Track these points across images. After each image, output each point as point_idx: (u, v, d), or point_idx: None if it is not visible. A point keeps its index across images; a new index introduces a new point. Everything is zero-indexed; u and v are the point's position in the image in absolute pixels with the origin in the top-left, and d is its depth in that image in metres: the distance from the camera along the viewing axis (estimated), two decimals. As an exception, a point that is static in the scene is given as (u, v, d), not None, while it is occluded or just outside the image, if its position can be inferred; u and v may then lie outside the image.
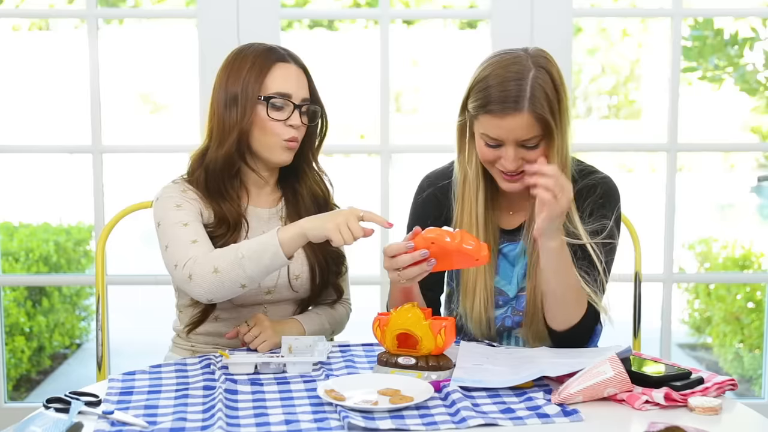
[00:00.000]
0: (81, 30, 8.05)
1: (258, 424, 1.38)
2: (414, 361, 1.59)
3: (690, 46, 4.97)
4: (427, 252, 1.58)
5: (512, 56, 1.70)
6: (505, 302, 1.84)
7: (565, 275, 1.69)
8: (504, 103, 1.66)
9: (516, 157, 1.69)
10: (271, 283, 1.88)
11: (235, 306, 1.88)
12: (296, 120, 1.84)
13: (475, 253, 1.58)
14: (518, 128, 1.66)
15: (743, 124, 11.52)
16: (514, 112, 1.65)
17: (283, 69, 1.84)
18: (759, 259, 4.62)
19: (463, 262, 1.62)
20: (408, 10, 9.51)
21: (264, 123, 1.82)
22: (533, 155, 1.70)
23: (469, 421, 1.35)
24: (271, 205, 1.94)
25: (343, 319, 2.00)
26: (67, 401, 1.44)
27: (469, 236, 1.60)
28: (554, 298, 1.71)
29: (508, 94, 1.65)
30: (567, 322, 1.72)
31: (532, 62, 1.68)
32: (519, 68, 1.67)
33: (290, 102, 1.83)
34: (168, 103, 14.91)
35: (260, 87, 1.82)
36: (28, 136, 12.06)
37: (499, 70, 1.68)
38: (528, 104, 1.65)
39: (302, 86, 1.86)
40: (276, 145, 1.84)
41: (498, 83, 1.67)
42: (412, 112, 14.82)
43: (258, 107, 1.82)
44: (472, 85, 1.73)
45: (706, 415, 1.41)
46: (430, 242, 1.58)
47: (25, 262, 4.53)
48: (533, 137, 1.68)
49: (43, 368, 4.58)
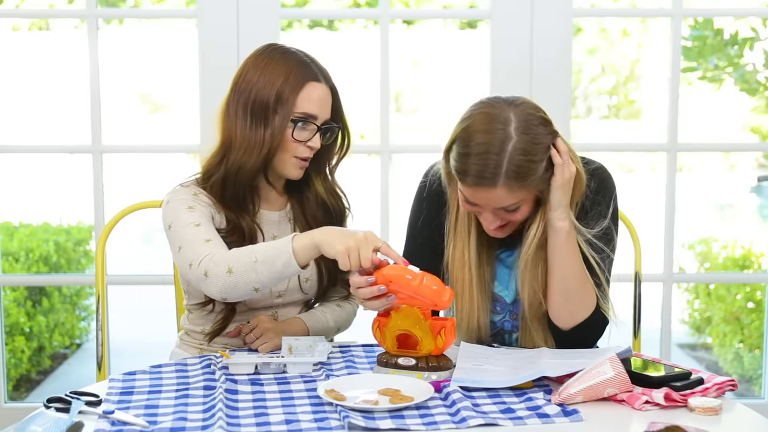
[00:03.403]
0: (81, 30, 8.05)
1: (258, 424, 1.38)
2: (414, 362, 1.59)
3: (690, 46, 4.96)
4: (385, 288, 1.56)
5: (495, 117, 1.62)
6: (503, 308, 1.84)
7: (573, 264, 1.69)
8: (479, 177, 1.61)
9: (495, 219, 1.69)
10: (282, 287, 1.88)
11: (248, 309, 1.88)
12: (316, 142, 1.82)
13: (436, 296, 1.55)
14: (494, 200, 1.64)
15: (743, 124, 11.52)
16: (489, 187, 1.61)
17: (314, 89, 1.81)
18: (759, 259, 4.62)
19: (423, 304, 1.58)
20: (408, 10, 9.51)
21: (286, 142, 1.80)
22: (514, 216, 1.69)
23: (470, 421, 1.35)
24: (279, 208, 1.93)
25: (350, 317, 1.99)
26: (68, 401, 1.44)
27: (431, 279, 1.55)
28: (560, 291, 1.70)
29: (484, 169, 1.60)
30: (573, 318, 1.72)
31: (515, 129, 1.60)
32: (500, 136, 1.60)
33: (314, 124, 1.81)
34: (168, 103, 14.91)
35: (292, 105, 1.79)
36: (28, 136, 12.05)
37: (481, 135, 1.61)
38: (503, 180, 1.60)
39: (328, 107, 1.84)
40: (290, 162, 1.83)
41: (476, 154, 1.60)
42: (412, 112, 14.80)
43: (283, 125, 1.79)
44: (453, 138, 1.67)
45: (706, 415, 1.41)
46: (388, 280, 1.55)
47: (25, 262, 4.53)
48: (511, 205, 1.66)
49: (43, 368, 4.58)
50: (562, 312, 1.72)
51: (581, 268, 1.70)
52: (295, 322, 1.87)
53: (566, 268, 1.69)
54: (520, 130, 1.61)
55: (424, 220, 1.85)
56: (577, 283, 1.70)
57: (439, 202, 1.85)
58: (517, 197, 1.64)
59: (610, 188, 1.79)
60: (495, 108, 1.63)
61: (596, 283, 1.73)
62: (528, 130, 1.61)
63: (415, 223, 1.88)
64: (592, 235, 1.73)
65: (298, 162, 1.83)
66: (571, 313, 1.72)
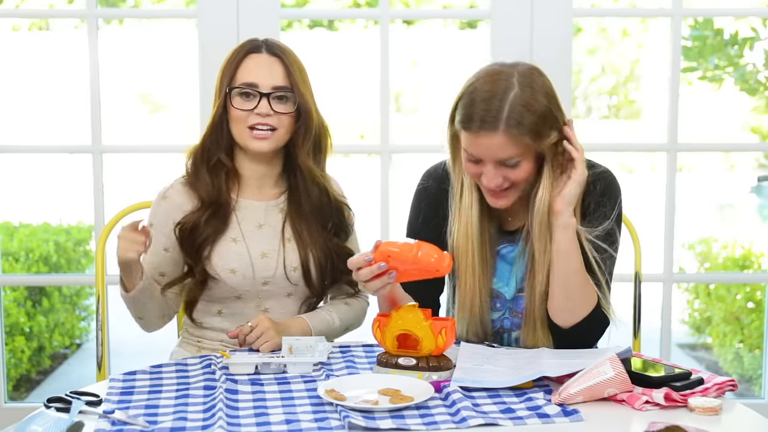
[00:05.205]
0: (81, 30, 8.04)
1: (258, 423, 1.38)
2: (414, 362, 1.59)
3: (690, 46, 4.96)
4: (385, 265, 1.57)
5: (499, 71, 1.69)
6: (503, 305, 1.84)
7: (575, 260, 1.69)
8: (482, 121, 1.65)
9: (496, 174, 1.69)
10: (268, 274, 1.90)
11: (234, 299, 1.91)
12: (264, 108, 1.85)
13: (436, 263, 1.57)
14: (494, 147, 1.66)
15: (743, 124, 11.52)
16: (489, 132, 1.65)
17: (253, 59, 1.88)
18: (759, 259, 4.62)
19: (424, 274, 1.60)
20: (408, 10, 9.51)
21: (231, 113, 1.87)
22: (515, 174, 1.70)
23: (470, 421, 1.35)
24: (271, 198, 1.95)
25: (359, 314, 2.00)
26: (68, 401, 1.44)
27: (428, 247, 1.58)
28: (561, 287, 1.70)
29: (486, 114, 1.65)
30: (573, 316, 1.71)
31: (518, 81, 1.67)
32: (503, 86, 1.66)
33: (256, 91, 1.85)
34: (168, 103, 14.91)
35: (231, 79, 1.88)
36: (28, 136, 12.05)
37: (485, 85, 1.68)
38: (504, 125, 1.64)
39: (274, 75, 1.87)
40: (244, 133, 1.87)
41: (480, 99, 1.66)
42: (412, 112, 14.81)
43: (227, 99, 1.87)
44: (458, 97, 1.72)
45: (706, 415, 1.41)
46: (387, 256, 1.57)
47: (25, 262, 4.53)
48: (511, 157, 1.67)
49: (43, 368, 4.58)
50: (563, 310, 1.72)
51: (582, 266, 1.71)
52: (296, 321, 1.88)
53: (570, 265, 1.70)
54: (523, 84, 1.67)
55: (423, 220, 1.86)
56: (579, 281, 1.70)
57: (437, 203, 1.85)
58: (517, 149, 1.66)
59: (615, 192, 1.80)
60: (496, 67, 1.71)
61: (596, 283, 1.73)
62: (531, 83, 1.67)
63: (414, 223, 1.88)
64: (595, 236, 1.74)
65: (252, 132, 1.87)
66: (572, 311, 1.72)
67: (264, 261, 1.89)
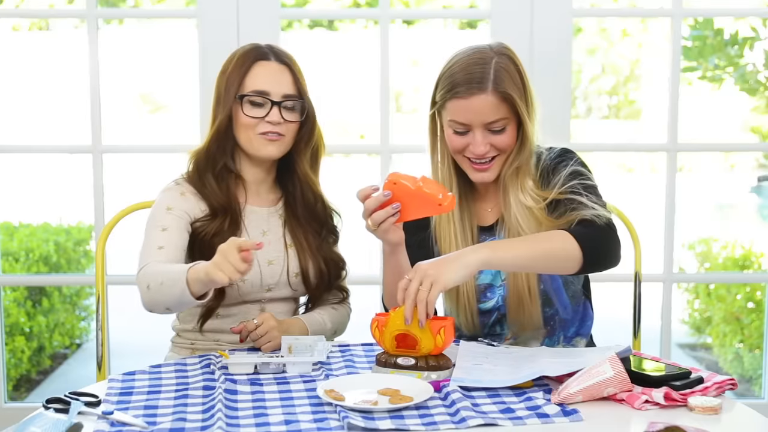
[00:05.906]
0: (81, 30, 8.05)
1: (258, 424, 1.38)
2: (413, 362, 1.59)
3: (690, 46, 4.96)
4: (390, 194, 1.65)
5: (475, 48, 1.79)
6: (494, 293, 1.86)
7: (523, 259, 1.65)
8: (469, 84, 1.73)
9: (484, 141, 1.76)
10: (272, 281, 1.91)
11: (235, 303, 1.90)
12: (275, 116, 1.85)
13: (440, 189, 1.64)
14: (484, 108, 1.73)
15: (743, 124, 11.53)
16: (478, 92, 1.73)
17: (262, 67, 1.88)
18: (759, 259, 4.62)
19: (428, 208, 1.66)
20: (408, 10, 9.51)
21: (240, 120, 1.86)
22: (501, 140, 1.76)
23: (469, 421, 1.35)
24: (270, 204, 1.96)
25: (344, 319, 2.02)
26: (67, 401, 1.44)
27: (432, 182, 1.66)
28: (543, 264, 1.67)
29: (472, 77, 1.73)
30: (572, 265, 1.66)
31: (494, 52, 1.77)
32: (482, 56, 1.76)
33: (268, 99, 1.85)
34: (168, 103, 14.92)
35: (239, 86, 1.86)
36: (28, 136, 12.06)
37: (464, 58, 1.77)
38: (492, 85, 1.73)
39: (284, 83, 1.88)
40: (253, 140, 1.87)
41: (462, 68, 1.75)
42: (412, 112, 14.81)
43: (236, 106, 1.86)
44: (438, 78, 1.80)
45: (705, 414, 1.41)
46: (392, 183, 1.65)
47: (25, 262, 4.53)
48: (499, 119, 1.74)
49: (43, 368, 4.59)
50: (559, 270, 1.70)
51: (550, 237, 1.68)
52: (296, 322, 1.89)
53: (525, 266, 1.69)
54: (500, 53, 1.77)
55: (415, 223, 1.86)
56: (552, 253, 1.66)
57: None
58: (504, 110, 1.74)
59: (569, 153, 1.84)
60: (471, 47, 1.80)
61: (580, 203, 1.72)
62: (508, 53, 1.79)
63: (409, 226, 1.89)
64: (561, 183, 1.76)
65: (264, 138, 1.86)
66: (566, 268, 1.68)
67: (270, 268, 1.91)
